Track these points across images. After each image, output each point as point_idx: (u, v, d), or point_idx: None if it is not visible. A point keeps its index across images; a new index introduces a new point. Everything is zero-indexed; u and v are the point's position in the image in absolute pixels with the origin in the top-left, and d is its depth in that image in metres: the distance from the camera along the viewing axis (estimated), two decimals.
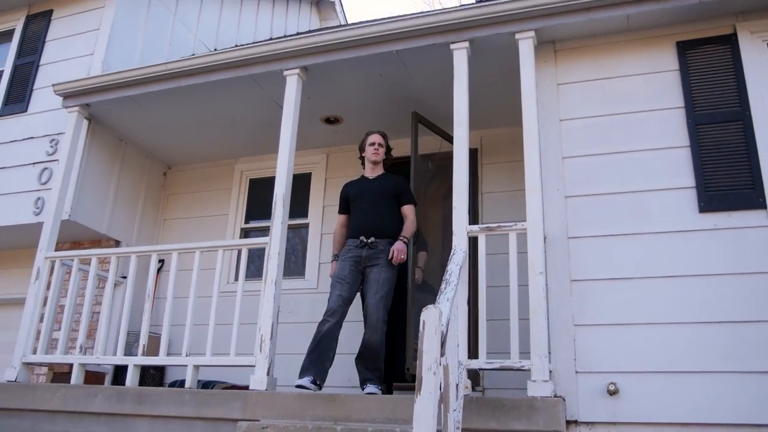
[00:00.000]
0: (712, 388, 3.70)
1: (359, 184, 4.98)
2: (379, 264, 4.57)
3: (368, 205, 4.78)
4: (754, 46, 4.30)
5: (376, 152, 4.96)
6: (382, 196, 4.79)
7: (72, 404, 4.75)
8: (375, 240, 4.63)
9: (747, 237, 3.91)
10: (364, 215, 4.75)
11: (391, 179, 4.94)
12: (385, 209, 4.77)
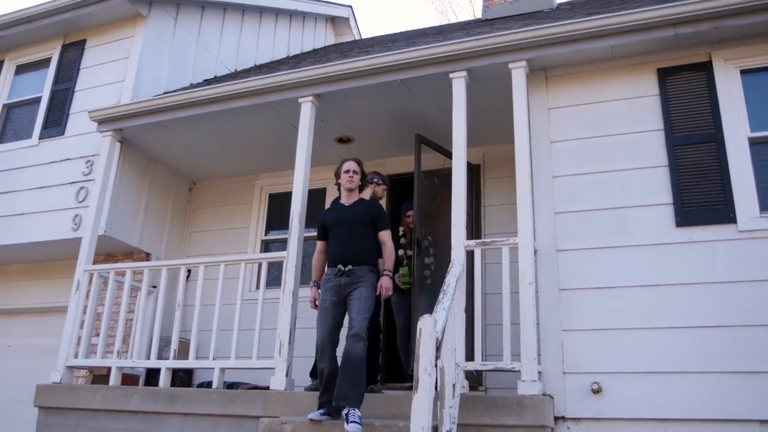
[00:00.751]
0: (687, 386, 4.10)
1: (336, 212, 4.93)
2: (359, 287, 4.54)
3: (345, 232, 4.74)
4: (727, 72, 4.68)
5: (351, 179, 4.91)
6: (359, 223, 4.77)
7: (111, 403, 5.27)
8: (352, 267, 4.59)
9: (719, 249, 4.30)
10: (342, 243, 4.71)
11: (367, 205, 4.92)
12: (362, 236, 4.74)
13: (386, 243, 4.82)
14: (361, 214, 4.82)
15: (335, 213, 4.93)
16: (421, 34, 8.67)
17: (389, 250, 4.79)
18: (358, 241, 4.72)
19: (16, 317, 7.81)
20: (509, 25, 6.62)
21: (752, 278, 4.16)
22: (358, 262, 4.62)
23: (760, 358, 4.00)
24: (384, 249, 4.81)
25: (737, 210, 4.33)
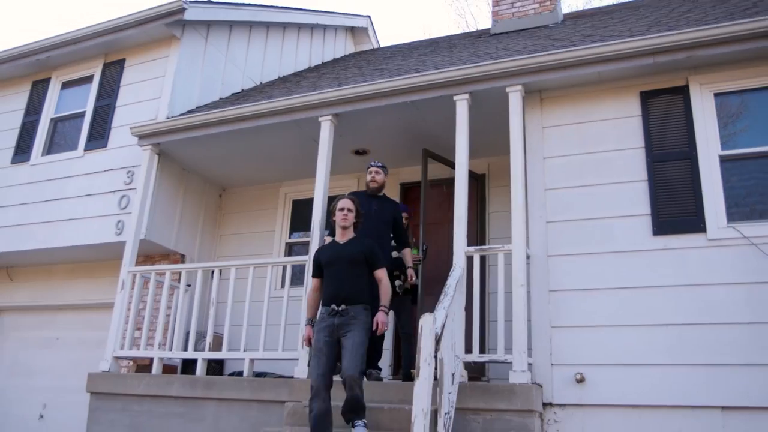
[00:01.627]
0: (659, 377, 4.67)
1: (330, 250, 4.96)
2: (352, 330, 4.58)
3: (339, 272, 4.77)
4: (702, 96, 5.21)
5: (345, 218, 4.95)
6: (353, 263, 4.79)
7: (154, 389, 5.97)
8: (346, 308, 4.63)
9: (690, 255, 4.85)
10: (335, 283, 4.75)
11: (361, 244, 4.93)
12: (356, 275, 4.77)
13: (382, 280, 4.87)
14: (355, 253, 4.83)
15: (330, 251, 4.95)
16: (433, 47, 9.24)
17: (385, 288, 4.86)
18: (352, 281, 4.74)
19: (63, 312, 8.57)
20: (512, 44, 7.19)
21: (718, 281, 4.71)
22: (351, 302, 4.66)
23: (723, 352, 4.54)
24: (380, 286, 4.87)
25: (707, 220, 4.87)
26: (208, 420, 5.66)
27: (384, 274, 4.91)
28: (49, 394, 8.22)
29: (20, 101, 8.95)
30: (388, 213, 5.74)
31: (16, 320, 8.91)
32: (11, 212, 8.23)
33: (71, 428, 7.64)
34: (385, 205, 5.79)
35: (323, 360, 4.57)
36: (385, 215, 5.71)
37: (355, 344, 4.53)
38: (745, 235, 4.71)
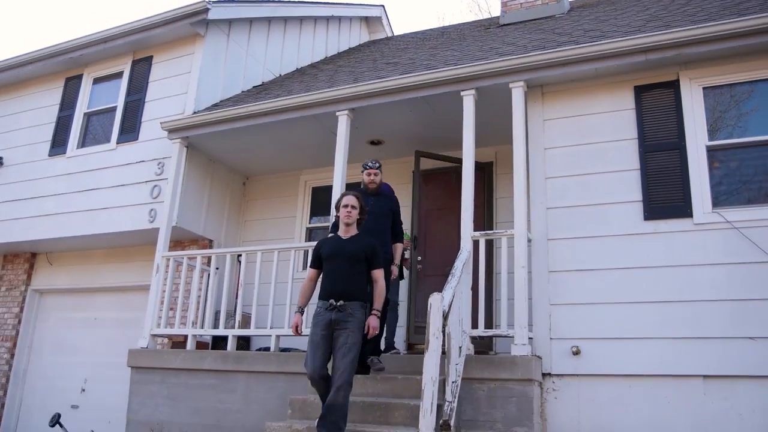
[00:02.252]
0: (647, 349, 5.14)
1: (333, 244, 5.01)
2: (347, 328, 4.66)
3: (339, 267, 4.83)
4: (692, 90, 5.61)
5: (348, 215, 4.99)
6: (354, 260, 4.85)
7: (189, 363, 6.55)
8: (344, 303, 4.71)
9: (677, 238, 5.29)
10: (335, 278, 4.81)
11: (364, 242, 4.98)
12: (356, 273, 4.85)
13: (378, 281, 4.94)
14: (356, 250, 4.89)
15: (332, 245, 4.99)
16: (444, 39, 9.64)
17: (380, 289, 4.94)
18: (351, 278, 4.81)
19: (99, 294, 9.20)
20: (517, 38, 7.59)
21: (702, 262, 5.15)
22: (349, 298, 4.74)
23: (705, 326, 5.00)
24: (375, 287, 4.94)
25: (693, 206, 5.30)
26: (240, 390, 6.23)
27: (381, 275, 4.97)
28: (89, 370, 8.87)
29: (55, 97, 9.50)
30: (386, 207, 5.85)
31: (56, 302, 9.56)
32: (50, 202, 8.82)
33: (110, 400, 8.29)
34: (382, 200, 5.89)
35: (319, 354, 4.66)
36: (383, 209, 5.81)
37: (349, 345, 4.62)
38: (727, 220, 5.14)
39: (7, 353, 9.26)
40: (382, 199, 5.92)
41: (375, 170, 5.92)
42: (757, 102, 5.47)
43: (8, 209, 9.15)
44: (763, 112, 5.41)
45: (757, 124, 5.40)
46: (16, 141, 9.55)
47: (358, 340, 4.71)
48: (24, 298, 9.51)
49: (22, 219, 9.00)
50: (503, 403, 5.09)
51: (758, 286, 4.93)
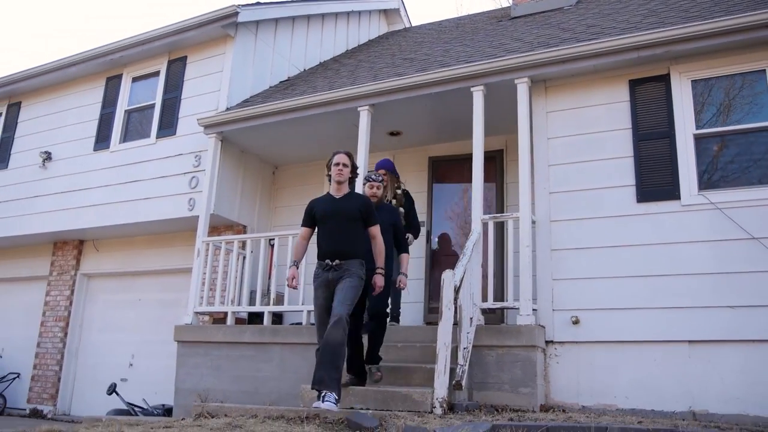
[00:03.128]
0: (638, 318, 5.74)
1: (326, 204, 5.01)
2: (344, 277, 4.77)
3: (334, 226, 4.86)
4: (681, 83, 6.14)
5: (340, 173, 4.98)
6: (348, 218, 4.86)
7: (230, 337, 7.30)
8: (340, 263, 4.78)
9: (666, 219, 5.86)
10: (330, 238, 4.84)
11: (357, 200, 4.99)
12: (351, 231, 4.86)
13: (376, 238, 4.98)
14: (350, 208, 4.88)
15: (325, 205, 5.00)
16: (458, 31, 10.19)
17: (380, 246, 4.99)
18: (347, 237, 4.83)
19: (143, 277, 9.99)
20: (524, 34, 8.13)
21: (689, 240, 5.72)
22: (345, 257, 4.80)
23: (691, 296, 5.58)
24: (375, 244, 4.99)
25: (681, 189, 5.86)
26: (275, 360, 6.96)
27: (378, 231, 5.00)
28: (135, 346, 9.70)
29: (97, 95, 10.25)
30: (387, 222, 5.66)
31: (102, 285, 10.39)
32: (95, 193, 9.60)
33: (156, 373, 9.10)
34: (383, 214, 5.71)
35: (324, 316, 4.79)
36: (384, 224, 5.58)
37: (346, 287, 4.69)
38: (712, 202, 5.70)
39: (61, 332, 10.13)
40: (384, 213, 5.73)
41: (378, 183, 5.80)
42: (740, 93, 5.99)
43: (57, 201, 9.96)
44: (745, 103, 5.93)
45: (739, 114, 5.93)
46: (63, 137, 10.33)
47: (356, 284, 4.76)
48: (74, 281, 10.35)
49: (71, 209, 9.80)
50: (510, 366, 5.74)
51: (738, 260, 5.50)
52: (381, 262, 4.95)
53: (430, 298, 7.87)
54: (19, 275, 11.12)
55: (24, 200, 10.34)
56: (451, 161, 8.27)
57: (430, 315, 7.70)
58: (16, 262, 11.16)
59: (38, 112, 10.91)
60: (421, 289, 7.84)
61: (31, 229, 10.18)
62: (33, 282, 10.90)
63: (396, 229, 5.77)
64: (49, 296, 10.45)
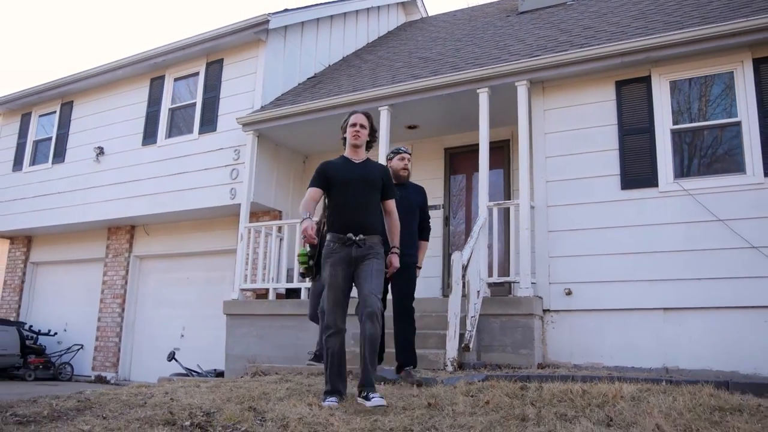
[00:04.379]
0: (622, 289, 6.71)
1: (344, 168, 4.36)
2: (370, 256, 4.16)
3: (355, 195, 4.23)
4: (660, 83, 7.01)
5: (357, 135, 4.39)
6: (370, 186, 4.27)
7: (272, 310, 8.43)
8: (363, 237, 4.16)
9: (646, 204, 6.79)
10: (352, 207, 4.21)
11: (377, 168, 4.47)
12: (373, 201, 4.29)
13: (392, 213, 4.44)
14: (372, 175, 4.31)
15: (343, 168, 4.36)
16: (470, 27, 11.05)
17: (396, 222, 4.47)
18: (368, 207, 4.25)
19: (190, 258, 11.16)
20: (527, 35, 9.00)
21: (665, 222, 6.65)
22: (369, 231, 4.20)
23: (666, 270, 6.53)
24: (390, 220, 4.46)
25: (659, 178, 6.78)
26: (312, 330, 8.04)
27: (394, 206, 4.47)
28: (185, 320, 10.91)
29: (142, 95, 11.33)
30: (416, 202, 5.42)
31: (153, 265, 11.60)
32: (145, 184, 10.73)
33: (205, 342, 10.30)
34: (411, 193, 5.43)
35: (341, 296, 4.16)
36: (413, 205, 5.35)
37: (375, 272, 4.14)
38: (684, 188, 6.62)
39: (119, 308, 11.38)
40: (412, 191, 5.42)
41: (408, 156, 5.54)
42: (712, 92, 6.85)
43: (111, 191, 11.12)
44: (715, 101, 6.80)
45: (710, 111, 6.80)
46: (114, 133, 11.46)
47: (382, 267, 4.25)
48: (128, 263, 11.57)
49: (123, 199, 10.96)
50: (512, 332, 6.77)
51: (706, 239, 6.42)
52: (397, 241, 4.44)
53: (448, 275, 8.89)
54: (77, 257, 12.38)
55: (81, 191, 11.53)
56: (464, 151, 9.22)
57: (448, 289, 8.73)
58: (74, 245, 12.42)
59: (89, 110, 12.04)
60: (439, 266, 8.87)
61: (88, 216, 11.37)
62: (90, 263, 12.16)
63: (423, 212, 5.43)
64: (106, 276, 11.69)
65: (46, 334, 11.94)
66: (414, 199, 5.42)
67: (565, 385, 3.97)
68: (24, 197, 12.40)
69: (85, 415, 3.96)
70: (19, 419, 3.87)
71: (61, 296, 12.59)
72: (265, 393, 4.38)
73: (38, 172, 12.46)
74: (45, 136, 12.74)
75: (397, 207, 4.60)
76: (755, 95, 6.52)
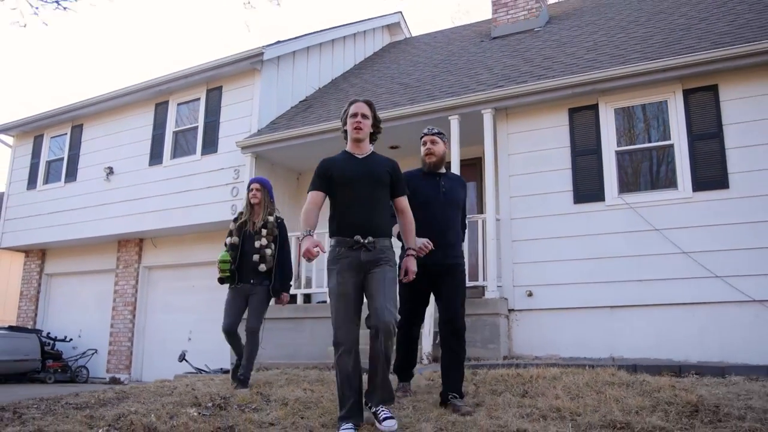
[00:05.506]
0: (576, 291, 7.75)
1: (347, 165, 3.98)
2: (382, 263, 3.80)
3: (362, 194, 3.86)
4: (606, 110, 8.06)
5: (359, 126, 3.97)
6: (378, 184, 3.89)
7: (272, 314, 9.41)
8: (373, 240, 3.78)
9: (595, 216, 7.84)
10: (359, 208, 3.84)
11: (384, 162, 4.04)
12: (380, 201, 3.90)
13: (405, 213, 4.00)
14: (379, 172, 3.91)
15: (346, 165, 3.97)
16: (448, 51, 12.09)
17: (411, 222, 3.99)
18: (377, 207, 3.87)
19: (195, 267, 12.17)
20: (496, 63, 10.05)
21: (610, 231, 7.69)
22: (378, 234, 3.82)
23: (612, 273, 7.57)
24: (403, 218, 4.00)
25: (605, 193, 7.82)
26: (307, 331, 9.10)
27: (407, 204, 4.03)
28: (192, 324, 11.92)
29: (148, 119, 12.34)
30: (457, 194, 4.68)
31: (161, 274, 12.61)
32: (152, 201, 11.74)
33: (211, 345, 11.28)
34: (452, 183, 4.70)
35: (351, 307, 3.77)
36: (455, 196, 4.64)
37: (388, 280, 3.75)
38: (627, 202, 7.67)
39: (130, 314, 12.39)
40: (456, 185, 4.72)
41: (432, 136, 4.81)
42: (649, 118, 7.91)
43: (121, 208, 12.12)
44: (652, 126, 7.86)
45: (648, 134, 7.86)
46: (122, 154, 12.47)
47: (395, 275, 3.89)
48: (137, 273, 12.58)
49: (132, 215, 11.96)
50: (481, 329, 7.81)
51: (644, 246, 7.47)
52: (412, 242, 3.99)
53: None
54: (90, 268, 13.39)
55: (93, 208, 12.53)
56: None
57: None
58: (86, 257, 13.43)
59: (99, 132, 13.05)
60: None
61: (100, 232, 12.38)
62: (102, 274, 13.16)
63: (463, 209, 4.78)
64: (117, 285, 12.70)
65: (62, 340, 12.93)
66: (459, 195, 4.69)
67: (507, 370, 5.00)
68: (39, 214, 13.40)
69: (126, 401, 4.99)
70: (73, 406, 4.90)
71: (74, 305, 13.59)
72: (269, 382, 5.41)
73: (51, 190, 13.47)
74: (57, 156, 13.74)
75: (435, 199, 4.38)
76: (685, 121, 7.57)
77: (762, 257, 6.90)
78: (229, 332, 5.93)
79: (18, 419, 4.35)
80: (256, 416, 4.05)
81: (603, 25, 10.35)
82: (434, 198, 4.48)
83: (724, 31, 8.03)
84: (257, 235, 6.04)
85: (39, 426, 3.99)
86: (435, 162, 4.69)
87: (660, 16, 9.77)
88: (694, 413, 3.36)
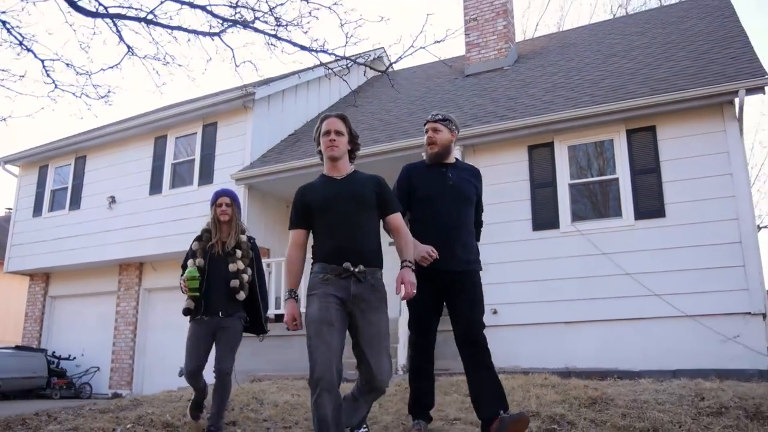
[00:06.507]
0: (535, 308, 8.73)
1: (325, 188, 3.62)
2: (376, 310, 3.45)
3: (345, 217, 3.48)
4: (560, 147, 9.10)
5: (332, 145, 3.60)
6: (362, 204, 3.54)
7: None
8: (364, 269, 3.41)
9: (551, 241, 8.85)
10: (343, 232, 3.45)
11: (368, 180, 3.68)
12: (367, 223, 3.53)
13: (401, 230, 3.63)
14: (362, 191, 3.58)
15: (324, 190, 3.61)
16: (424, 87, 13.16)
17: (408, 238, 3.62)
18: (363, 230, 3.50)
19: None
20: (466, 102, 11.10)
21: (565, 255, 8.71)
22: (371, 262, 3.46)
23: (567, 293, 8.57)
24: (398, 236, 3.62)
25: (560, 221, 8.84)
26: (296, 347, 10.01)
27: (401, 221, 3.67)
28: None
29: (148, 151, 13.31)
30: (468, 186, 4.25)
31: (161, 296, 13.50)
32: (152, 228, 12.67)
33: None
34: (462, 174, 4.27)
35: (335, 339, 3.31)
36: (466, 189, 4.20)
37: (382, 327, 3.47)
38: (578, 230, 8.69)
39: (131, 333, 13.26)
40: (468, 176, 4.30)
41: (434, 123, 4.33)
42: (598, 154, 8.96)
43: (123, 234, 13.04)
44: (601, 161, 8.90)
45: (597, 169, 8.90)
46: (124, 184, 13.41)
47: (386, 315, 3.56)
48: (138, 295, 13.47)
49: (134, 241, 12.88)
50: (451, 343, 8.68)
51: (594, 268, 8.48)
52: (410, 255, 3.59)
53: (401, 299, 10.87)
54: (92, 291, 14.26)
55: (96, 234, 13.45)
56: None
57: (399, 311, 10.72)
58: (88, 280, 14.30)
59: (101, 164, 14.00)
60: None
61: (103, 256, 13.28)
62: (104, 296, 14.04)
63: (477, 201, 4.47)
64: (119, 307, 13.59)
65: (66, 358, 13.77)
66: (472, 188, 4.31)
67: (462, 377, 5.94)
68: (44, 240, 14.29)
69: (141, 406, 5.91)
70: (97, 410, 5.81)
71: (77, 325, 14.45)
72: (263, 390, 6.35)
73: (56, 217, 14.37)
74: (61, 185, 14.66)
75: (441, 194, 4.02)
76: (628, 157, 8.63)
77: (695, 278, 7.92)
78: (195, 376, 5.01)
79: (54, 420, 5.26)
80: (253, 415, 4.99)
81: (563, 66, 11.45)
82: (441, 192, 4.03)
83: (662, 77, 9.11)
84: (230, 257, 5.04)
85: (75, 425, 4.90)
86: (438, 152, 4.21)
87: (613, 59, 10.87)
88: (592, 404, 4.32)
